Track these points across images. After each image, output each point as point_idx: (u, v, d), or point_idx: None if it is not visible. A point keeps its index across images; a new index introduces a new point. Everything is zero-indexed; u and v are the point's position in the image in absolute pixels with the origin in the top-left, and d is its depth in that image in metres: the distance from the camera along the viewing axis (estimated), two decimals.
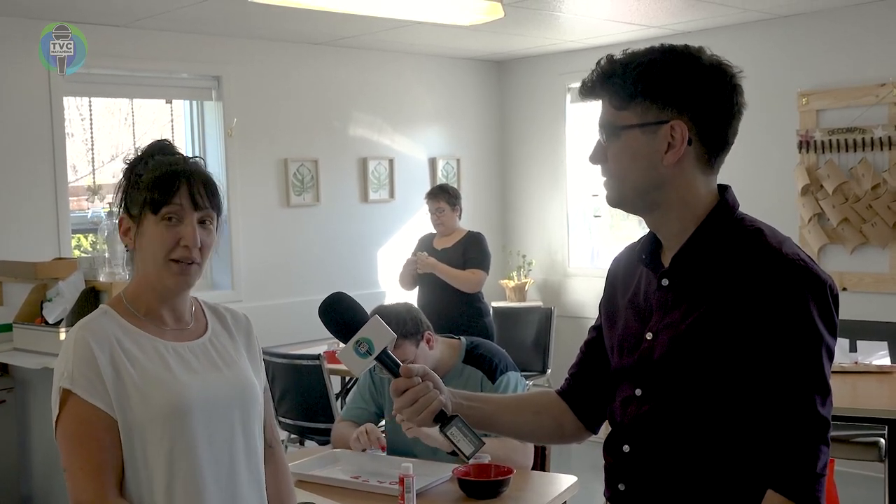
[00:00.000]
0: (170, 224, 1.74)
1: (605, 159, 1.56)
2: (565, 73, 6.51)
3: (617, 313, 1.68)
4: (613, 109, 1.53)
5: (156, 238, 1.74)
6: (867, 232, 5.19)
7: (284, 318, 5.63)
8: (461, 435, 1.63)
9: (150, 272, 1.77)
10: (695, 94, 1.49)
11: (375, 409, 3.15)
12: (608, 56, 1.54)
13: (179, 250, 1.74)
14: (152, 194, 1.73)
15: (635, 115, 1.51)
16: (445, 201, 5.24)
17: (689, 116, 1.49)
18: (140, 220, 1.75)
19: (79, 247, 5.39)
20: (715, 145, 1.53)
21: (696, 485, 1.51)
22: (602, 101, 1.56)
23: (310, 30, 5.52)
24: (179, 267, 1.75)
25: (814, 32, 5.40)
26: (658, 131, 1.50)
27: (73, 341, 1.71)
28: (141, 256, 1.78)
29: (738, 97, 1.52)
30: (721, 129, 1.52)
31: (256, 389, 1.88)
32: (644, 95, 1.50)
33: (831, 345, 1.45)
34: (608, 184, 1.58)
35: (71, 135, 5.28)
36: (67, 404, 1.68)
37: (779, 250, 1.47)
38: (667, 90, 1.49)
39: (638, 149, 1.52)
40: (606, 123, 1.54)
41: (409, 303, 3.17)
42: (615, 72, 1.52)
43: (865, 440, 3.90)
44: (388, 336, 1.65)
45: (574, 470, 3.00)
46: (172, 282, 1.76)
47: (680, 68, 1.50)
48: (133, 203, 1.76)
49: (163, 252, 1.74)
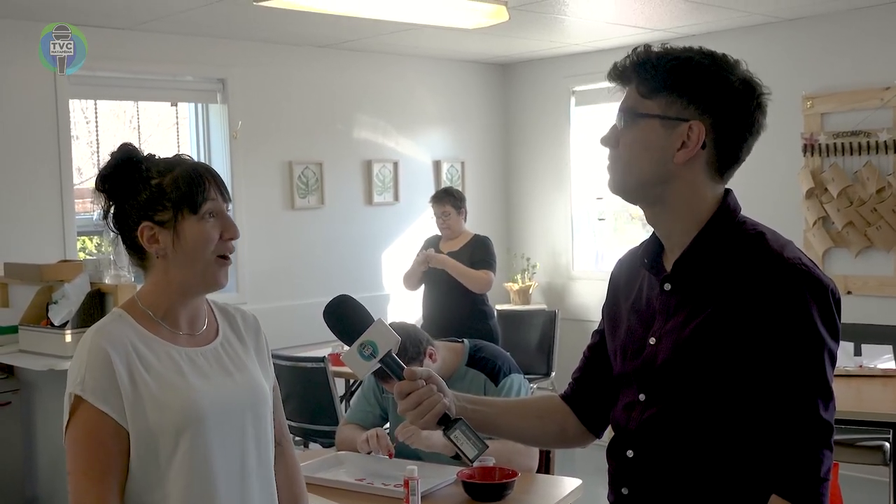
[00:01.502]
0: (211, 220, 1.74)
1: (616, 144, 1.56)
2: (570, 77, 6.51)
3: (619, 318, 1.68)
4: (639, 96, 1.53)
5: (201, 236, 1.73)
6: (872, 235, 5.19)
7: (288, 320, 5.63)
8: (465, 438, 1.63)
9: (189, 273, 1.75)
10: (721, 101, 1.50)
11: (380, 411, 3.15)
12: (646, 44, 1.56)
13: (223, 245, 1.76)
14: (188, 195, 1.72)
15: (659, 106, 1.51)
16: (451, 205, 5.24)
17: (709, 121, 1.50)
18: (176, 223, 1.73)
19: (84, 249, 5.41)
20: (727, 157, 1.53)
21: (700, 489, 1.51)
22: (629, 87, 1.56)
23: (314, 32, 5.53)
24: (223, 262, 1.77)
25: (818, 36, 5.40)
26: (676, 128, 1.50)
27: (89, 347, 1.69)
28: (179, 259, 1.74)
29: (761, 116, 1.53)
30: (737, 142, 1.52)
31: (266, 392, 1.88)
32: (672, 89, 1.50)
33: (833, 349, 1.45)
34: (613, 169, 1.57)
35: (76, 137, 5.29)
36: (78, 410, 1.67)
37: (780, 254, 1.47)
38: (695, 90, 1.50)
39: (652, 140, 1.52)
40: (628, 108, 1.55)
41: (406, 323, 3.12)
42: (650, 60, 1.52)
43: (870, 444, 3.89)
44: (392, 339, 1.65)
45: (578, 473, 2.99)
46: (223, 277, 1.77)
47: (713, 72, 1.50)
48: (159, 209, 1.73)
49: (209, 249, 1.74)
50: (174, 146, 5.70)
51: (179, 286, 1.77)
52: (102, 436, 1.66)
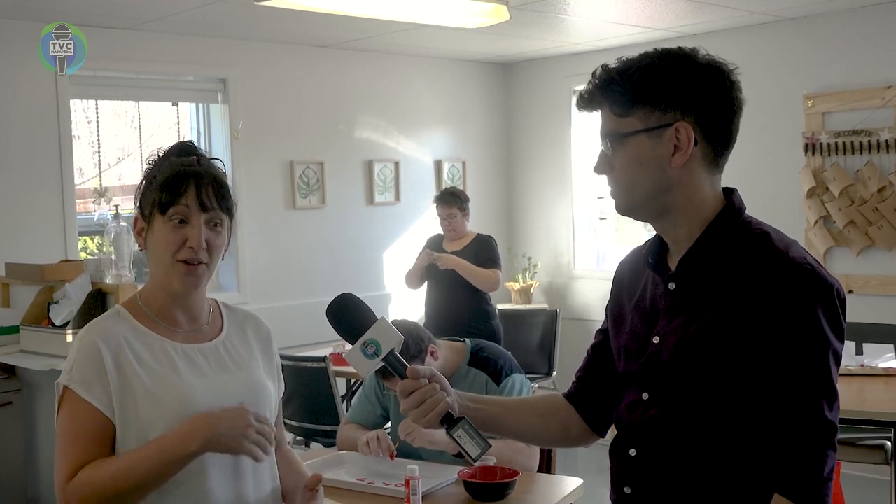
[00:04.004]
0: (177, 225, 1.75)
1: (611, 169, 1.56)
2: (571, 76, 6.51)
3: (623, 317, 1.68)
4: (615, 117, 1.53)
5: (162, 238, 1.75)
6: (873, 234, 5.18)
7: (290, 320, 5.63)
8: (467, 437, 1.63)
9: (160, 273, 1.79)
10: (696, 94, 1.49)
11: (381, 411, 3.15)
12: (603, 66, 1.55)
13: (185, 251, 1.74)
14: (161, 195, 1.75)
15: (639, 120, 1.51)
16: (457, 207, 5.24)
17: (693, 117, 1.49)
18: (151, 220, 1.77)
19: (85, 249, 5.41)
20: (720, 143, 1.53)
21: (703, 489, 1.51)
22: (602, 110, 1.56)
23: (316, 32, 5.53)
24: (186, 268, 1.75)
25: (819, 35, 5.40)
26: (663, 135, 1.50)
27: (80, 341, 1.74)
28: (151, 256, 1.80)
29: (738, 93, 1.53)
30: (724, 126, 1.52)
31: (268, 391, 1.88)
32: (645, 101, 1.50)
33: (838, 349, 1.45)
34: (616, 193, 1.57)
35: (77, 137, 5.29)
36: (64, 400, 1.72)
37: (785, 254, 1.47)
38: (668, 93, 1.49)
39: (645, 154, 1.51)
40: (610, 132, 1.54)
41: (407, 321, 3.11)
42: (613, 79, 1.52)
43: (872, 443, 3.89)
44: (395, 337, 1.65)
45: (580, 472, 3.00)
46: (179, 282, 1.77)
47: (678, 70, 1.50)
48: (146, 203, 1.78)
49: (169, 252, 1.75)
50: None
51: (163, 284, 1.79)
52: (86, 423, 1.69)
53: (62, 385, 1.72)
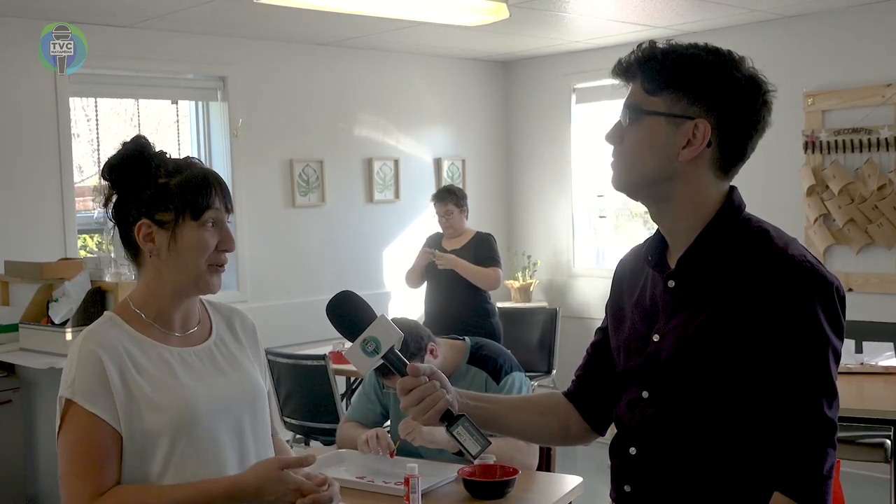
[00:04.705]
0: (211, 229, 1.74)
1: (620, 141, 1.55)
2: (570, 74, 6.50)
3: (623, 315, 1.68)
4: (644, 93, 1.52)
5: (198, 244, 1.73)
6: (873, 233, 5.18)
7: (289, 318, 5.63)
8: (467, 434, 1.63)
9: (181, 277, 1.75)
10: (725, 98, 1.49)
11: (381, 409, 3.15)
12: (651, 41, 1.55)
13: (220, 255, 1.75)
14: (193, 200, 1.72)
15: (664, 103, 1.50)
16: (454, 203, 5.23)
17: (714, 119, 1.49)
18: (176, 225, 1.72)
19: (84, 247, 5.40)
20: (732, 155, 1.53)
21: (703, 487, 1.51)
22: (633, 83, 1.55)
23: (315, 30, 5.53)
24: (217, 271, 1.76)
25: (819, 33, 5.40)
26: (682, 125, 1.49)
27: (78, 351, 1.69)
28: (172, 261, 1.74)
29: (767, 114, 1.52)
30: (742, 139, 1.52)
31: (263, 390, 1.89)
32: (677, 86, 1.49)
33: (838, 347, 1.44)
34: (617, 166, 1.57)
35: (77, 135, 5.29)
36: (69, 413, 1.67)
37: (785, 251, 1.47)
38: (701, 87, 1.49)
39: (657, 137, 1.51)
40: (633, 105, 1.54)
41: (407, 318, 3.10)
42: (655, 56, 1.51)
43: (871, 441, 3.89)
44: (395, 335, 1.65)
45: (580, 471, 3.00)
46: (208, 285, 1.76)
47: (719, 70, 1.49)
48: (161, 209, 1.72)
49: (205, 256, 1.74)
50: (175, 144, 5.70)
51: (171, 288, 1.76)
52: (94, 436, 1.66)
53: (65, 398, 1.67)
